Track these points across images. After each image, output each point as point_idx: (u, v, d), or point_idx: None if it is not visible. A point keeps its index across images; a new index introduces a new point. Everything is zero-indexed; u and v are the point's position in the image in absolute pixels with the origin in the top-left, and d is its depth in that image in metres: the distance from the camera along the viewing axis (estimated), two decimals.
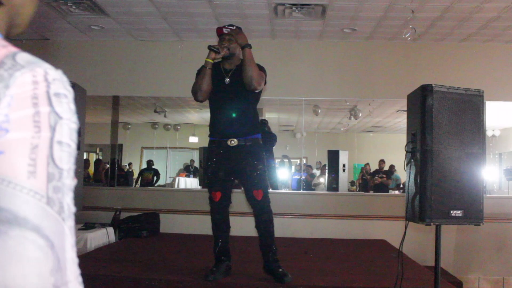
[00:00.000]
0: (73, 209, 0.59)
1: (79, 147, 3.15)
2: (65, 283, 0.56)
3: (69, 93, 0.60)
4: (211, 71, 3.23)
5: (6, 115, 0.55)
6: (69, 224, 0.58)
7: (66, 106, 0.59)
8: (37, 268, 0.53)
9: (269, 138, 6.20)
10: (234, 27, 3.30)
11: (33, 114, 0.56)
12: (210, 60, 3.19)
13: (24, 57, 0.59)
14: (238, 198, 6.42)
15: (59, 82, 0.60)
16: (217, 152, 3.31)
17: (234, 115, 3.25)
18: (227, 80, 3.26)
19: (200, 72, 3.27)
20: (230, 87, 3.26)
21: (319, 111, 7.83)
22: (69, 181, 0.59)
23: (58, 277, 0.55)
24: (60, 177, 0.57)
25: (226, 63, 3.32)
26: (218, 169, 3.30)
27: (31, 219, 0.53)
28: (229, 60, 3.30)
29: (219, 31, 3.32)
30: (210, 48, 3.17)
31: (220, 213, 3.38)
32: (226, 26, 3.28)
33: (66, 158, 0.58)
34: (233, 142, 3.22)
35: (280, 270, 3.24)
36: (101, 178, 8.48)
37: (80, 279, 0.59)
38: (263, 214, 3.29)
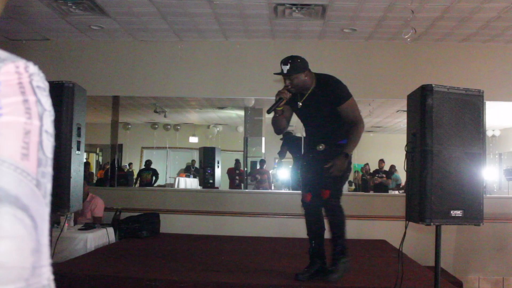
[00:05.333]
0: (49, 198, 0.62)
1: (79, 147, 3.15)
2: (41, 266, 0.58)
3: (47, 88, 0.64)
4: (283, 114, 3.40)
5: None
6: (48, 210, 0.60)
7: (47, 99, 0.62)
8: (21, 246, 0.55)
9: (295, 141, 6.24)
10: (288, 67, 3.22)
11: (23, 101, 0.59)
12: (280, 109, 3.30)
13: (2, 52, 0.62)
14: (240, 198, 6.43)
15: (38, 76, 0.62)
16: (308, 156, 3.50)
17: (318, 130, 3.43)
18: (299, 104, 3.37)
19: (275, 117, 3.40)
20: (302, 111, 3.41)
21: None
22: (51, 170, 0.62)
23: (36, 259, 0.57)
24: (46, 164, 0.60)
25: (300, 91, 3.40)
26: (307, 172, 3.45)
27: (21, 198, 0.56)
28: (301, 89, 3.34)
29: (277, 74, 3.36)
30: (277, 104, 3.23)
31: (310, 214, 3.43)
32: (282, 69, 3.23)
33: (50, 148, 0.62)
34: (321, 147, 3.36)
35: (331, 269, 3.30)
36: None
37: (50, 267, 0.61)
38: (326, 215, 3.41)
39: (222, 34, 5.85)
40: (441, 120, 2.85)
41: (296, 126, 7.50)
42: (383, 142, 11.64)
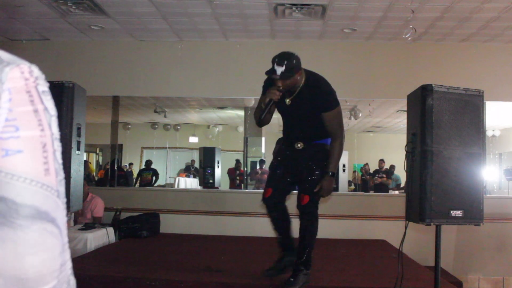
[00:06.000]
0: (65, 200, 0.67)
1: (79, 147, 3.15)
2: (66, 261, 0.63)
3: (48, 89, 0.65)
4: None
5: (10, 109, 0.58)
6: (65, 212, 0.65)
7: (52, 103, 0.64)
8: (53, 254, 0.61)
9: None
10: (284, 69, 2.96)
11: (33, 112, 0.60)
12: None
13: (4, 53, 0.62)
14: (240, 198, 6.43)
15: (42, 79, 0.63)
16: (284, 153, 3.35)
17: (299, 128, 3.25)
18: (288, 101, 3.17)
19: (259, 109, 3.22)
20: (291, 108, 3.19)
21: None
22: (63, 174, 0.65)
23: (62, 257, 0.62)
24: (60, 171, 0.64)
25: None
26: (277, 167, 3.32)
27: (49, 212, 0.60)
28: (292, 88, 3.14)
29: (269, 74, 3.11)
30: (267, 107, 3.06)
31: (271, 210, 3.32)
32: (276, 71, 2.97)
33: (60, 153, 0.65)
34: (299, 145, 3.22)
35: (291, 279, 3.12)
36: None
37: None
38: (301, 220, 3.23)
39: (222, 34, 5.85)
40: (441, 120, 2.85)
41: None
42: (383, 142, 11.64)
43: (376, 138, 12.19)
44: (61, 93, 2.99)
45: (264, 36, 5.92)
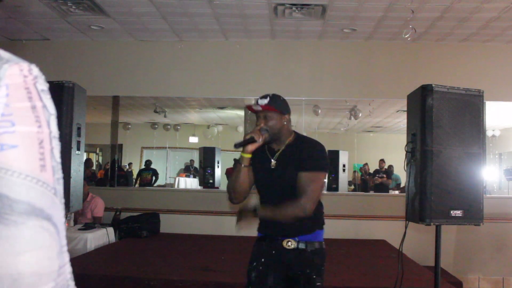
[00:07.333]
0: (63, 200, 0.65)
1: (79, 147, 3.15)
2: (64, 264, 0.61)
3: (48, 89, 0.64)
4: (248, 168, 2.45)
5: (7, 104, 0.58)
6: (63, 212, 0.63)
7: (51, 102, 0.63)
8: (49, 253, 0.59)
9: None
10: (268, 100, 2.39)
11: (31, 108, 0.59)
12: (246, 156, 2.40)
13: (4, 52, 0.62)
14: None
15: (41, 79, 0.63)
16: (268, 252, 2.44)
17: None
18: (273, 163, 2.41)
19: (235, 169, 2.54)
20: (276, 172, 2.40)
21: (319, 111, 7.83)
22: (61, 174, 0.64)
23: (61, 259, 0.60)
24: (58, 170, 0.62)
25: (273, 143, 2.44)
26: (266, 273, 2.39)
27: (45, 209, 0.58)
28: (275, 140, 2.42)
29: (250, 108, 2.47)
30: (245, 141, 2.36)
31: None
32: (258, 103, 2.38)
33: (58, 152, 0.63)
34: (290, 244, 2.34)
35: None
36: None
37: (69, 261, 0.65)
38: None
39: (222, 34, 5.85)
40: (441, 120, 2.85)
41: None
42: (383, 142, 11.64)
43: (376, 138, 12.18)
44: (61, 93, 2.99)
45: (264, 36, 5.92)
